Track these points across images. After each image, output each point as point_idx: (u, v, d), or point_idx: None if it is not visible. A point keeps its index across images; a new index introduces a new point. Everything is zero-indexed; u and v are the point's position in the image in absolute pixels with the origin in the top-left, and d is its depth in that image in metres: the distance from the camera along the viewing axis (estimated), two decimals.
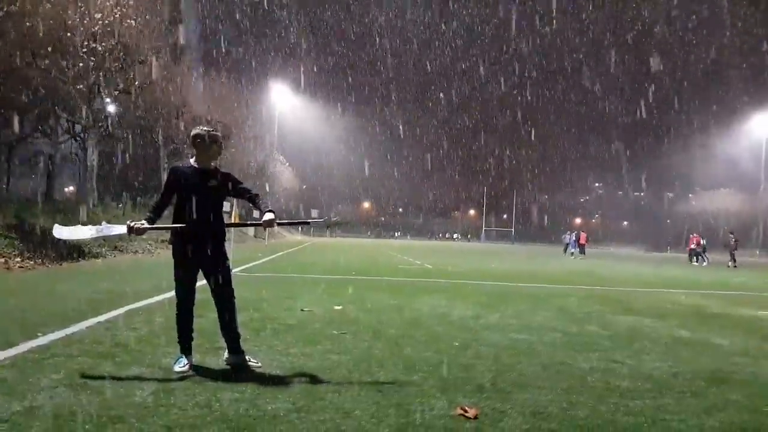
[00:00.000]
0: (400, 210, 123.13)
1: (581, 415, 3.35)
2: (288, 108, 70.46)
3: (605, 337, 6.15)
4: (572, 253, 32.76)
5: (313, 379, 3.84)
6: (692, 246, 29.79)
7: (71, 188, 38.21)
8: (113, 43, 24.67)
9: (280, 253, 22.98)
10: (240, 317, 6.18)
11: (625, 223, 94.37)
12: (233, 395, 3.41)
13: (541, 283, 13.01)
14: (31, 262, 11.02)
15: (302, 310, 6.97)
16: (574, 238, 32.59)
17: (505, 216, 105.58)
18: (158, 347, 4.56)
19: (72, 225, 4.68)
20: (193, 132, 4.09)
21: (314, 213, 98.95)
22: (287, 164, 77.61)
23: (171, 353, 4.36)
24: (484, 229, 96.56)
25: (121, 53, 25.72)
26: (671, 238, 38.24)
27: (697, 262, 28.60)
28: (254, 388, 3.56)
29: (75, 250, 13.26)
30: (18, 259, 10.85)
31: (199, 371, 3.94)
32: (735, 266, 26.03)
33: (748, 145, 59.83)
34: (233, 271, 11.58)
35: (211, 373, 3.90)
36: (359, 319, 6.49)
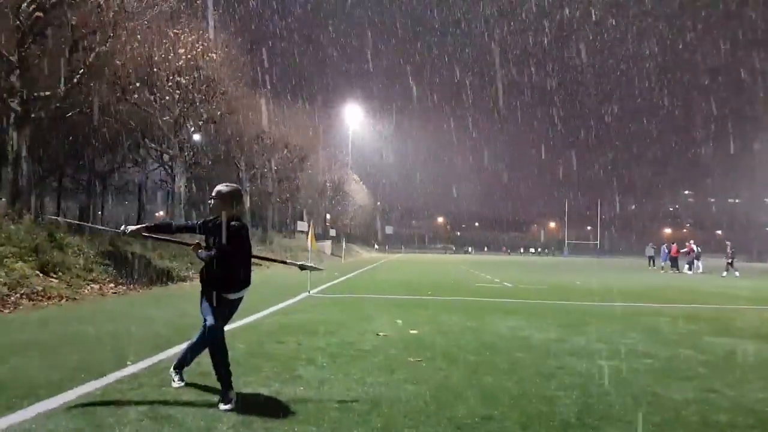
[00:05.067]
0: (476, 224, 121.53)
1: None
2: (362, 127, 71.82)
3: (701, 362, 5.72)
4: (662, 267, 30.92)
5: (390, 413, 3.77)
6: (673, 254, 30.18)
7: (161, 213, 40.53)
8: (196, 75, 26.14)
9: (357, 272, 23.19)
10: (318, 342, 6.28)
11: (719, 232, 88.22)
12: (309, 429, 3.40)
13: (629, 301, 12.33)
14: (123, 288, 11.69)
15: (378, 334, 6.94)
16: (666, 250, 30.66)
17: (588, 228, 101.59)
18: (239, 377, 4.62)
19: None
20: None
21: (388, 230, 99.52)
22: (361, 182, 78.92)
23: (251, 382, 4.44)
24: (566, 242, 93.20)
25: (204, 85, 27.19)
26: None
27: (671, 270, 29.33)
28: (331, 423, 3.54)
29: (164, 275, 13.96)
30: (111, 285, 11.54)
31: (277, 403, 3.97)
32: (727, 274, 25.54)
33: None
34: (312, 292, 11.84)
35: (288, 406, 3.90)
36: (435, 344, 6.37)
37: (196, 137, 31.29)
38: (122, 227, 4.40)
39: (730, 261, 26.11)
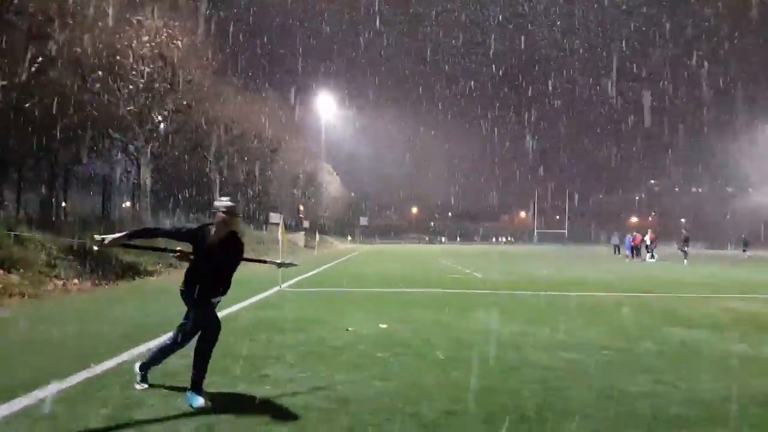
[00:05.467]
0: (449, 214, 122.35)
1: None
2: (335, 118, 71.49)
3: (657, 354, 5.92)
4: (626, 256, 31.64)
5: (357, 411, 3.82)
6: (634, 244, 31.33)
7: (128, 204, 39.77)
8: (161, 64, 25.63)
9: (330, 264, 23.12)
10: (288, 339, 6.28)
11: (683, 220, 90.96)
12: (275, 429, 3.43)
13: (593, 291, 12.63)
14: (88, 284, 11.47)
15: (347, 329, 6.97)
16: (629, 240, 31.41)
17: (557, 217, 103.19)
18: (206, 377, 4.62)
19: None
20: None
21: (363, 221, 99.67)
22: (335, 173, 78.57)
23: (218, 382, 4.42)
24: (536, 231, 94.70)
25: (169, 73, 26.67)
26: (731, 235, 36.92)
27: (635, 258, 30.16)
28: (296, 423, 3.57)
29: (130, 269, 13.74)
30: (76, 281, 11.32)
31: (243, 404, 3.98)
32: (687, 262, 26.28)
33: None
34: (284, 286, 11.76)
35: (254, 407, 3.91)
36: (405, 340, 6.42)
37: (162, 127, 30.75)
38: (99, 237, 4.22)
39: (684, 249, 27.13)
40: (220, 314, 7.84)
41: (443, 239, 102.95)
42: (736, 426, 3.66)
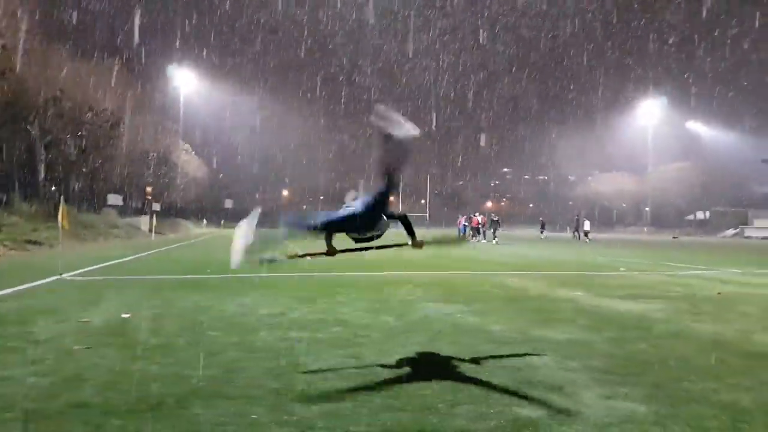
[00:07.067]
0: (321, 197, 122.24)
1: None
2: (195, 94, 67.84)
3: (388, 328, 6.16)
4: (464, 237, 33.42)
5: None
6: (466, 224, 34.12)
7: None
8: None
9: (155, 250, 21.64)
10: None
11: (531, 205, 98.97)
12: None
13: (396, 270, 13.00)
14: None
15: (79, 321, 6.44)
16: (464, 223, 33.20)
17: (422, 201, 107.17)
18: None
19: None
20: None
21: (228, 203, 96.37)
22: (193, 152, 74.49)
23: None
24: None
25: None
26: (566, 218, 41.26)
27: (473, 239, 32.30)
28: None
29: None
30: None
31: None
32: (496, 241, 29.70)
33: (638, 130, 64.22)
34: (69, 274, 10.62)
35: None
36: (130, 330, 5.96)
37: None
38: None
39: (493, 230, 30.49)
40: None
41: None
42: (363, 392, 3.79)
